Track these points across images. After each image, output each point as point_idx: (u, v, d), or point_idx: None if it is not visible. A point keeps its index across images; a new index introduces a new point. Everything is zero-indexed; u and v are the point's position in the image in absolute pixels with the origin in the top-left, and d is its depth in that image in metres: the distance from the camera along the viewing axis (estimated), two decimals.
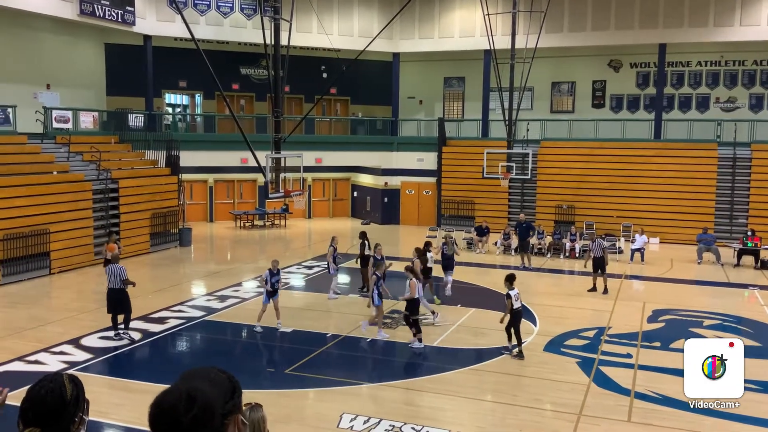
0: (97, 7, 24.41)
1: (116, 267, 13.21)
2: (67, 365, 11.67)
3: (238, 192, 31.60)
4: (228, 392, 1.88)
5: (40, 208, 19.16)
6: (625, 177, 26.87)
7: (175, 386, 1.84)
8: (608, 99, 32.16)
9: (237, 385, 1.93)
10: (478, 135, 30.85)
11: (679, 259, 22.59)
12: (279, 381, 11.07)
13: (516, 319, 12.33)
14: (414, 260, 14.99)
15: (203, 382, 1.85)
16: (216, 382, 1.88)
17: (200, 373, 1.90)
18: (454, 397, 10.55)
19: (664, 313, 15.70)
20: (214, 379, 1.89)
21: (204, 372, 1.91)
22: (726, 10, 26.68)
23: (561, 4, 28.41)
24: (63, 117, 24.88)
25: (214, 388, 1.85)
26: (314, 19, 28.61)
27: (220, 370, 1.94)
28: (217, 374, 1.91)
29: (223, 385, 1.88)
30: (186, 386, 1.82)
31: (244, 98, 33.10)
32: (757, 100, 29.98)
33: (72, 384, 2.32)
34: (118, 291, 13.14)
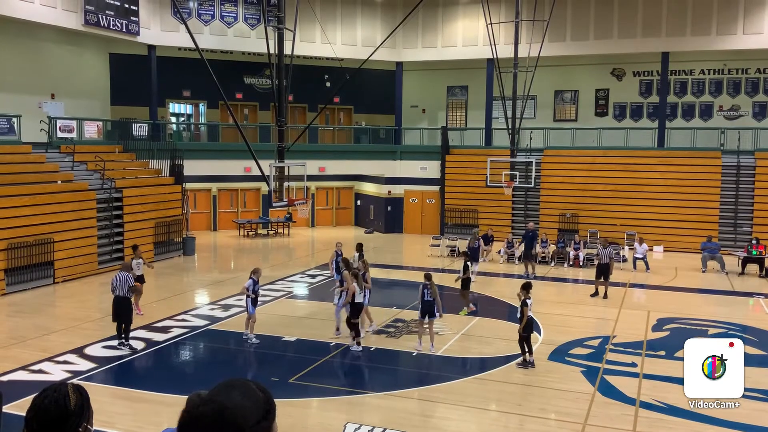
0: (101, 17, 24.55)
1: (123, 275, 13.24)
2: (71, 374, 11.66)
3: (242, 201, 31.64)
4: (261, 412, 1.85)
5: (45, 217, 19.20)
6: (629, 185, 26.85)
7: (211, 396, 1.83)
8: (611, 107, 32.18)
9: (272, 406, 1.90)
10: (481, 144, 30.87)
11: (684, 268, 22.53)
12: (283, 390, 11.05)
13: (530, 328, 12.29)
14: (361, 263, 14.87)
15: (239, 396, 1.84)
16: (252, 399, 1.85)
17: (239, 386, 1.88)
18: (458, 407, 10.52)
19: (669, 322, 15.65)
20: (251, 395, 1.86)
21: (243, 386, 1.89)
22: (729, 19, 26.71)
23: (564, 13, 28.48)
24: (67, 126, 24.97)
25: (248, 404, 1.83)
26: (318, 29, 28.72)
27: (259, 387, 1.91)
28: (255, 391, 1.88)
29: (258, 403, 1.86)
30: (221, 399, 1.81)
31: (247, 107, 33.20)
32: (761, 108, 29.97)
33: (77, 394, 2.31)
34: (122, 299, 13.15)
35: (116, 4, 25.21)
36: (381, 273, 21.99)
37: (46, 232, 19.03)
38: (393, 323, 15.19)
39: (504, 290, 19.22)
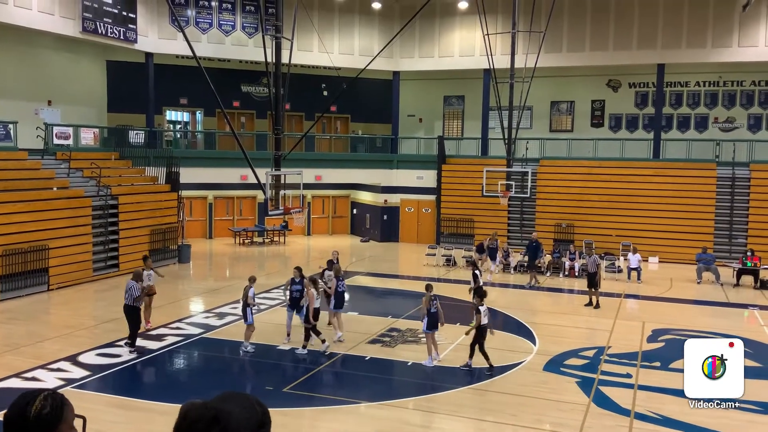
0: (99, 24, 24.58)
1: (130, 283, 13.40)
2: (64, 382, 11.61)
3: (238, 209, 31.62)
4: (255, 425, 1.88)
5: (40, 224, 19.16)
6: (624, 196, 26.93)
7: (207, 403, 1.86)
8: (607, 118, 32.31)
9: (267, 420, 1.93)
10: (478, 153, 30.94)
11: (679, 279, 22.56)
12: (277, 399, 11.01)
13: (481, 335, 12.30)
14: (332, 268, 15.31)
15: (235, 406, 1.86)
16: (248, 411, 1.89)
17: (236, 399, 1.92)
18: (453, 417, 10.49)
19: (664, 333, 15.65)
20: (247, 407, 1.90)
21: (240, 398, 1.92)
22: (724, 32, 26.88)
23: (560, 24, 28.63)
24: (64, 133, 24.96)
25: (244, 415, 1.86)
26: (315, 38, 28.81)
27: (257, 401, 1.95)
28: (253, 404, 1.92)
29: (253, 416, 1.89)
30: (216, 406, 1.84)
31: (244, 115, 33.24)
32: (756, 120, 30.12)
33: (47, 401, 2.11)
34: (128, 307, 13.37)
35: (114, 12, 25.26)
36: (376, 282, 21.98)
37: (41, 238, 18.97)
38: (388, 332, 15.16)
39: (499, 300, 19.22)
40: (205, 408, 1.83)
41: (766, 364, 13.29)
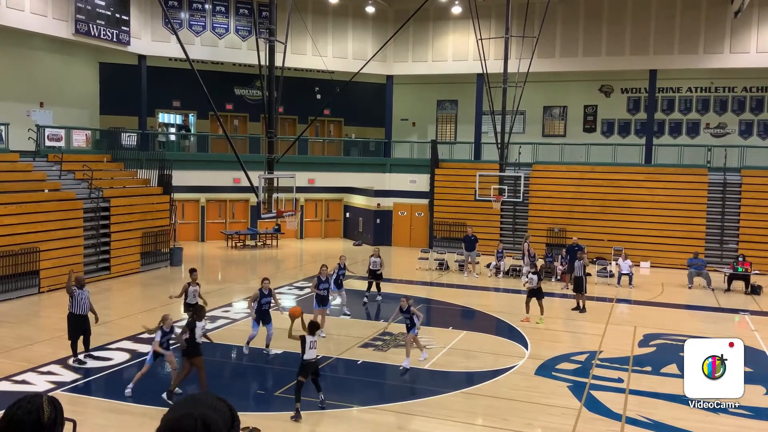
0: (92, 26, 24.50)
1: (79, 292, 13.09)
2: (54, 385, 11.54)
3: (230, 212, 31.55)
4: (228, 421, 1.90)
5: (31, 226, 19.05)
6: (616, 201, 27.02)
7: (186, 411, 1.85)
8: (599, 123, 32.42)
9: (236, 414, 1.95)
10: (471, 158, 30.99)
11: (670, 284, 22.64)
12: (268, 403, 10.98)
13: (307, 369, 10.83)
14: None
15: (208, 410, 1.87)
16: (218, 411, 1.89)
17: (203, 400, 1.91)
18: (445, 421, 10.49)
19: (655, 338, 15.70)
20: (217, 407, 1.90)
21: (207, 399, 1.92)
22: (716, 38, 27.04)
23: (553, 29, 28.73)
24: (56, 135, 24.85)
25: (218, 416, 1.87)
26: (309, 41, 28.81)
27: (219, 398, 1.95)
28: (218, 402, 1.93)
29: (224, 413, 1.90)
30: (198, 412, 1.84)
31: (237, 118, 33.18)
32: (747, 126, 30.30)
33: (51, 406, 2.28)
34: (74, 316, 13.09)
35: (107, 14, 25.18)
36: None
37: (31, 241, 18.87)
38: (380, 336, 15.15)
39: (492, 304, 19.26)
40: (191, 417, 1.82)
41: (757, 369, 13.32)
